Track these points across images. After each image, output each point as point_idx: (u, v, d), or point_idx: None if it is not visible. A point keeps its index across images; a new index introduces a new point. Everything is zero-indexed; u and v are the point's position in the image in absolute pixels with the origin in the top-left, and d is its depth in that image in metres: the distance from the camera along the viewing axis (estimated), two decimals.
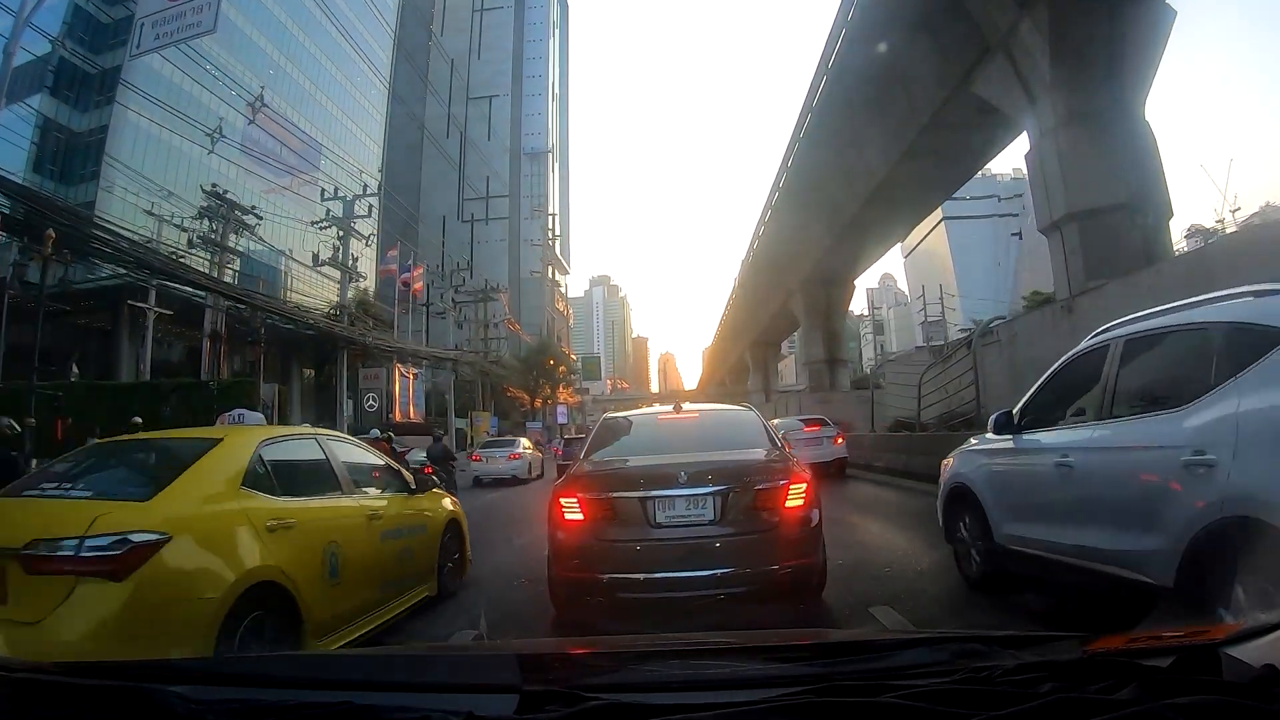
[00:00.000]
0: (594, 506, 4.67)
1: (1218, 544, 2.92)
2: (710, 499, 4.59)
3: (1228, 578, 2.84)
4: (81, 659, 3.06)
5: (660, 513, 4.59)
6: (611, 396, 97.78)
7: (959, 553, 5.44)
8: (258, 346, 22.68)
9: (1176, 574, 3.07)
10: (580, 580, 4.67)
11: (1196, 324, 3.54)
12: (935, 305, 69.41)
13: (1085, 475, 3.95)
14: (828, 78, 22.67)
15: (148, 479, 3.79)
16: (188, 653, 3.20)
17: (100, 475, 4.01)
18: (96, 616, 3.00)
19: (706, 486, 4.60)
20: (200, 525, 3.52)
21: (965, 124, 20.35)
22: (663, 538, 4.56)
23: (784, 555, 4.56)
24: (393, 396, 30.33)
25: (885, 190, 25.64)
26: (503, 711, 1.13)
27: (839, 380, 39.48)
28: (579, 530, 4.65)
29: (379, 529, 5.00)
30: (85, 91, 35.66)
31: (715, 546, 4.53)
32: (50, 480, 3.87)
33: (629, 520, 4.61)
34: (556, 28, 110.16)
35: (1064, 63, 14.63)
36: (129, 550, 3.09)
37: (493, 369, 38.82)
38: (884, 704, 1.01)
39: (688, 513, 4.60)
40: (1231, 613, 2.81)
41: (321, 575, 4.13)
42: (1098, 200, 14.19)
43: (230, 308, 22.29)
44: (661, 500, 4.60)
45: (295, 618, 3.79)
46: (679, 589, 4.49)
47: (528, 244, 78.18)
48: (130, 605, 3.04)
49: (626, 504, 4.66)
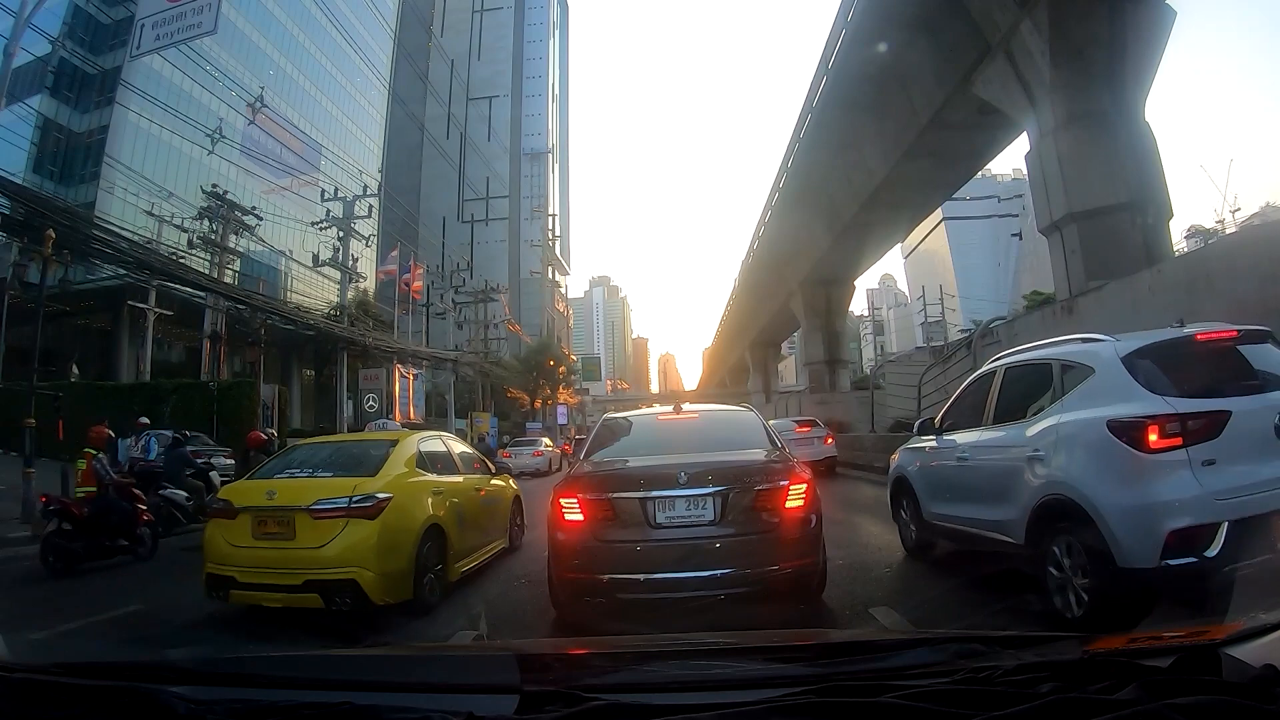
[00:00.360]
0: (594, 507, 4.64)
1: (1045, 513, 4.29)
2: (710, 500, 4.55)
3: (1053, 535, 4.25)
4: (343, 570, 5.06)
5: (660, 513, 4.56)
6: (611, 397, 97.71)
7: (900, 527, 6.80)
8: (257, 347, 22.65)
9: (1025, 535, 4.47)
10: (580, 581, 4.66)
11: (1044, 359, 4.83)
12: (935, 306, 69.36)
13: (974, 467, 5.33)
14: (828, 78, 22.66)
15: (365, 464, 5.93)
16: (403, 560, 5.35)
17: (329, 463, 6.09)
18: (359, 539, 5.19)
19: (706, 487, 4.56)
20: (404, 490, 5.80)
21: (965, 125, 20.36)
22: (663, 538, 4.53)
23: (784, 556, 4.54)
24: (393, 397, 30.28)
25: (885, 191, 25.62)
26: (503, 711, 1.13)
27: (839, 381, 39.42)
28: (579, 531, 4.63)
29: (479, 497, 7.29)
30: (85, 92, 35.61)
31: (715, 547, 4.49)
32: (292, 467, 6.05)
33: (629, 521, 4.59)
34: (556, 28, 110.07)
35: (1064, 63, 14.62)
36: (377, 503, 5.34)
37: (493, 370, 38.74)
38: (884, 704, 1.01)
39: (688, 513, 4.57)
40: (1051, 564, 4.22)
41: (456, 522, 6.26)
42: (1098, 201, 14.17)
43: (230, 308, 22.25)
44: (661, 501, 4.57)
45: (445, 547, 5.98)
46: (679, 590, 4.46)
47: (528, 244, 78.21)
48: (378, 533, 5.25)
49: (626, 504, 4.62)
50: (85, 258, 20.41)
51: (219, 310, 22.78)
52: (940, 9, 17.24)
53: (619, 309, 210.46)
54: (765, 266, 42.40)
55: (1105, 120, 14.55)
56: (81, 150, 35.50)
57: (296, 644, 4.28)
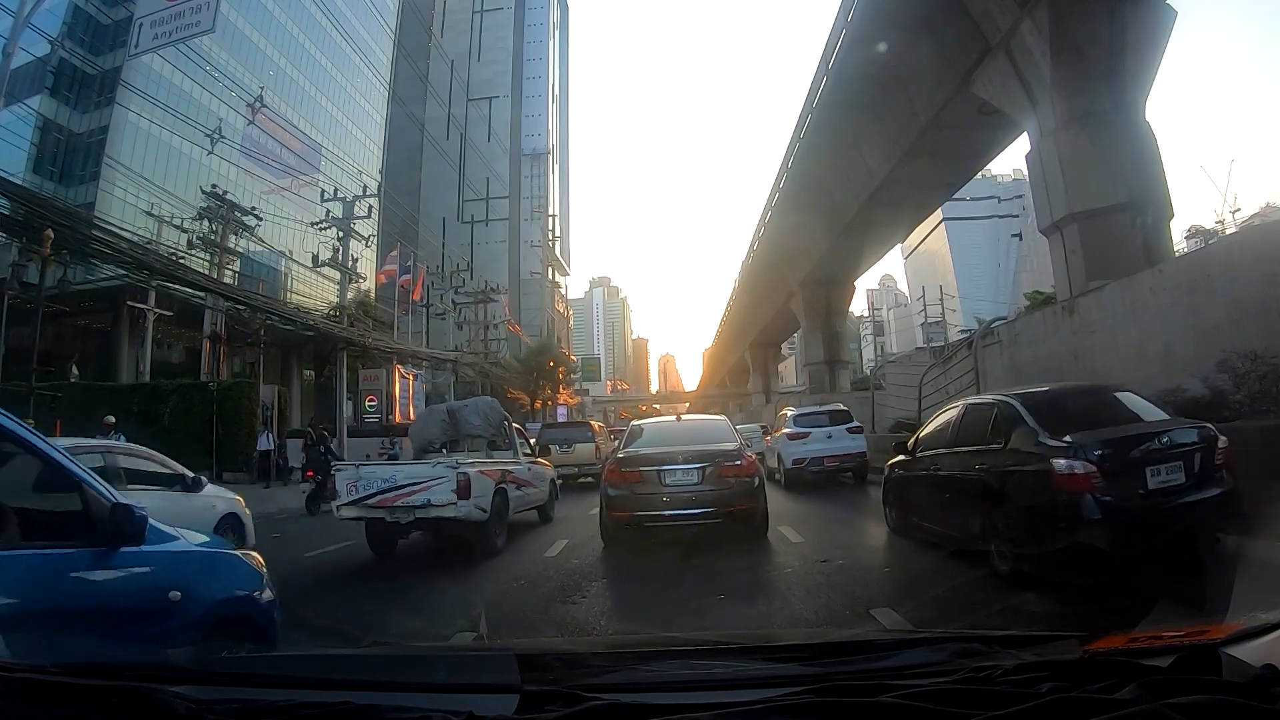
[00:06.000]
0: (629, 475, 7.93)
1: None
2: (697, 470, 7.79)
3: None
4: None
5: (668, 478, 7.83)
6: (612, 397, 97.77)
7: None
8: (256, 348, 22.59)
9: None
10: (622, 518, 7.84)
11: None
12: (936, 306, 69.28)
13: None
14: (828, 78, 22.61)
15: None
16: None
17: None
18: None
19: (695, 463, 7.84)
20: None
21: (965, 125, 20.31)
22: (670, 492, 7.75)
23: (739, 502, 7.67)
24: (393, 398, 30.23)
25: (885, 190, 25.57)
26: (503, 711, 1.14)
27: (839, 382, 39.36)
28: (621, 488, 7.87)
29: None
30: (85, 92, 35.57)
31: (700, 496, 7.67)
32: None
33: (649, 482, 7.81)
34: (557, 29, 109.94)
35: (1065, 63, 14.57)
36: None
37: (493, 370, 38.63)
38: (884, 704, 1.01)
39: (684, 479, 7.81)
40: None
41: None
42: (1098, 201, 14.12)
43: (230, 309, 22.20)
44: (668, 471, 7.84)
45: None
46: (679, 521, 7.65)
47: (528, 245, 78.08)
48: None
49: (648, 473, 7.86)
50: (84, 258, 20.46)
51: (219, 311, 22.71)
52: (940, 9, 17.19)
53: (619, 310, 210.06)
54: (765, 267, 42.32)
55: (1106, 120, 14.51)
56: (82, 150, 35.47)
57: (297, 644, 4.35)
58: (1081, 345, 10.80)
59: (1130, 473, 5.01)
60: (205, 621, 2.97)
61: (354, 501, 8.20)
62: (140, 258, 19.62)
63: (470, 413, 11.21)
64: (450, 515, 7.89)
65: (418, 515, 8.01)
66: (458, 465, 8.17)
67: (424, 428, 11.52)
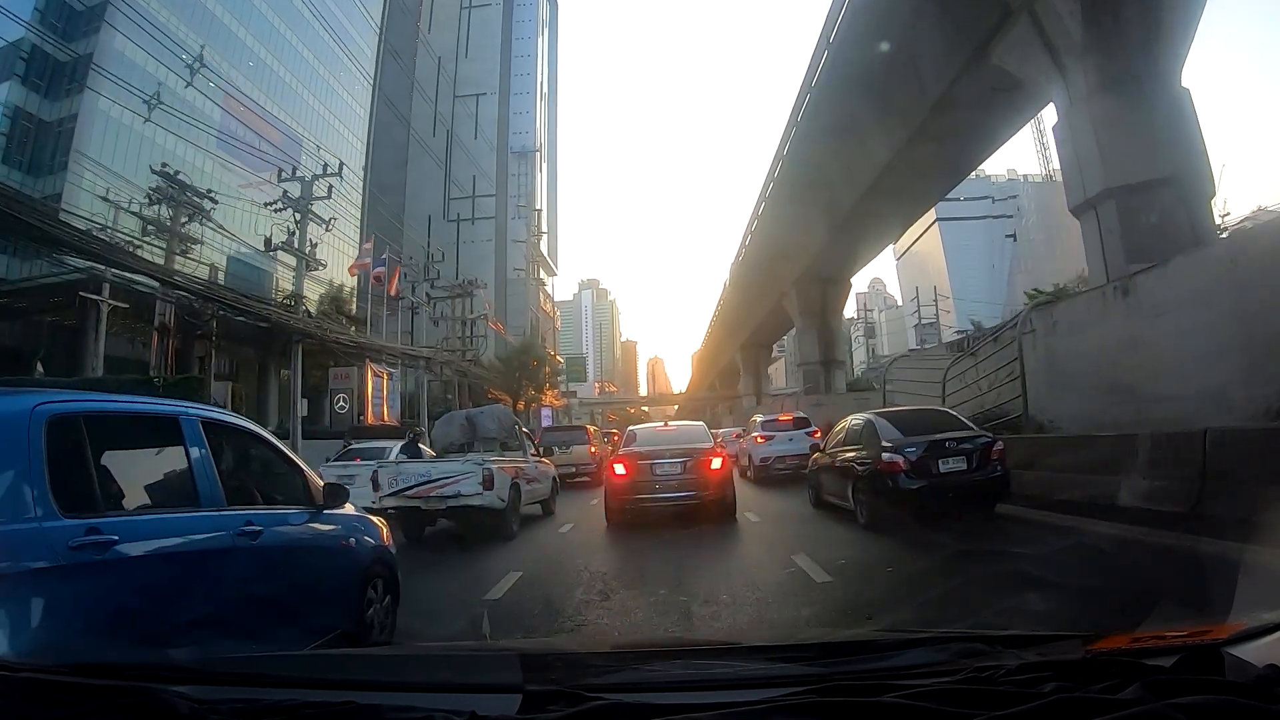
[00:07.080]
0: (628, 466, 10.08)
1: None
2: (681, 463, 9.93)
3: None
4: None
5: (658, 470, 9.94)
6: (600, 400, 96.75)
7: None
8: (207, 341, 20.86)
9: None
10: (623, 501, 10.01)
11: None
12: (930, 307, 68.41)
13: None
14: (828, 54, 21.19)
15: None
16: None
17: None
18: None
19: (679, 458, 9.98)
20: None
21: (977, 103, 19.00)
22: (659, 480, 9.88)
23: (712, 489, 9.85)
24: (364, 398, 28.53)
25: (887, 178, 24.29)
26: (506, 711, 1.14)
27: (835, 382, 38.28)
28: (621, 477, 10.09)
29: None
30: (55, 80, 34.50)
31: (682, 483, 9.83)
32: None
33: (644, 472, 9.96)
34: (546, 27, 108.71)
35: (1097, 24, 13.19)
36: None
37: (471, 369, 36.84)
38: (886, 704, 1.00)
39: (670, 470, 9.91)
40: None
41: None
42: (1138, 175, 12.73)
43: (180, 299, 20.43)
44: (658, 464, 9.97)
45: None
46: (667, 503, 9.80)
47: (514, 243, 76.41)
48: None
49: (644, 465, 10.02)
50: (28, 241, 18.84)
51: (168, 300, 20.95)
52: None
53: (608, 312, 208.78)
54: (758, 264, 41.10)
55: (1142, 86, 13.16)
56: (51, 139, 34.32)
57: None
58: (1140, 332, 9.30)
59: (929, 462, 8.03)
60: (364, 562, 4.57)
61: (395, 493, 9.66)
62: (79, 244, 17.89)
63: (486, 418, 13.14)
64: (477, 504, 9.47)
65: (449, 504, 9.59)
66: (483, 461, 9.86)
67: (446, 431, 13.21)
